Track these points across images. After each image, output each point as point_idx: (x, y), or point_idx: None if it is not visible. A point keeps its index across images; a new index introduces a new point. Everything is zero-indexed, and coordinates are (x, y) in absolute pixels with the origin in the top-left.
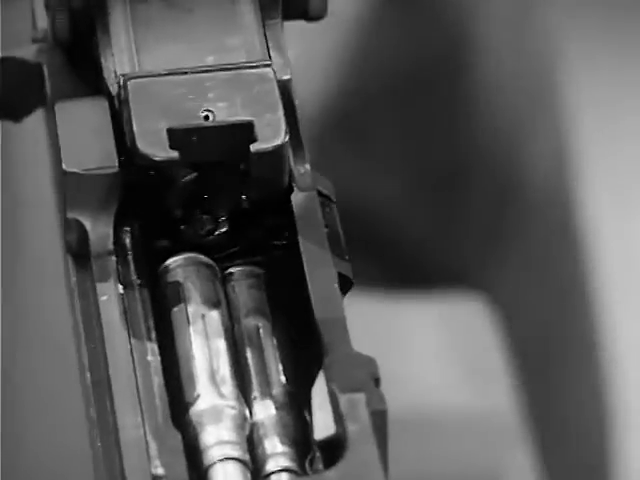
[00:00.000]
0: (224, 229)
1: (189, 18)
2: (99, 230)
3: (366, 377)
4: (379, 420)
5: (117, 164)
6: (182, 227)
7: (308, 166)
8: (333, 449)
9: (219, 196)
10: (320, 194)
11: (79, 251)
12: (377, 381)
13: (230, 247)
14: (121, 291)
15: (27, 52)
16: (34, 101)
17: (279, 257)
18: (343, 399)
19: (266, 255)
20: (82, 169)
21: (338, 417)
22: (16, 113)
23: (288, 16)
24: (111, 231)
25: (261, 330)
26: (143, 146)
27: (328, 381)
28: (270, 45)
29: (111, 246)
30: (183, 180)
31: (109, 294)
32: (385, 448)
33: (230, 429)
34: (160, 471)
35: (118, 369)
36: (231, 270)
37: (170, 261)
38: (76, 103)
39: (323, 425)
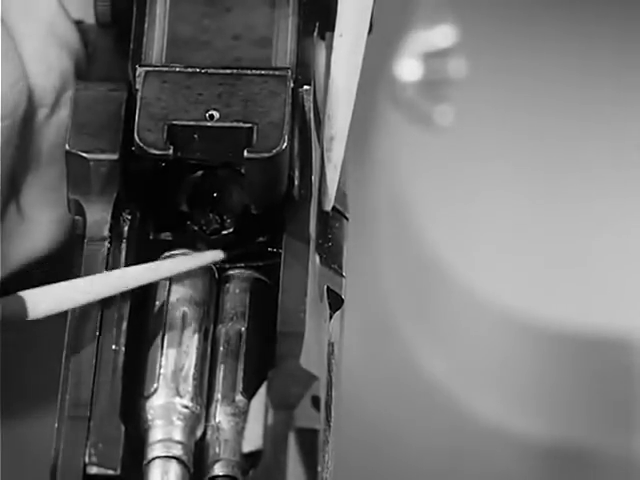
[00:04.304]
0: (230, 230)
1: (226, 17)
2: (96, 215)
3: (301, 394)
4: (306, 438)
5: (119, 153)
6: (188, 223)
7: (315, 178)
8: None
9: (227, 196)
10: (333, 208)
11: (82, 232)
12: (315, 400)
13: (231, 249)
14: None
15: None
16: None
17: (278, 265)
18: (270, 413)
19: (268, 261)
20: (83, 152)
21: (265, 431)
22: None
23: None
24: (108, 217)
25: (242, 335)
26: (142, 138)
27: (267, 394)
28: (300, 54)
29: (106, 232)
30: (189, 176)
31: None
32: (313, 467)
33: (179, 428)
34: (93, 459)
35: (79, 354)
36: (229, 272)
37: (165, 255)
38: (95, 85)
39: (252, 438)
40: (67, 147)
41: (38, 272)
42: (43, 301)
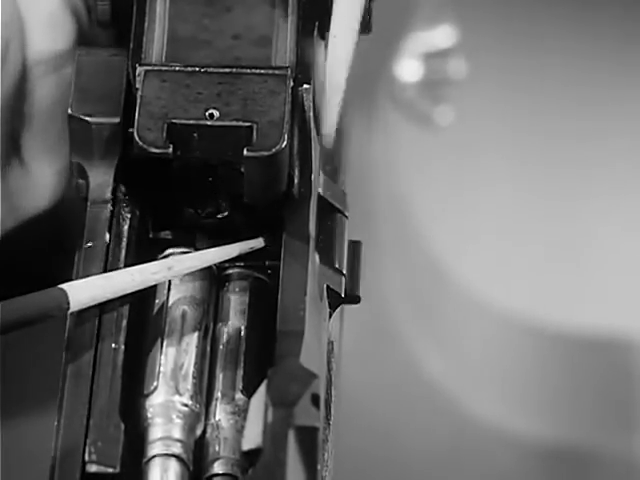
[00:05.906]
0: (225, 213)
1: (226, 16)
2: (98, 178)
3: (301, 392)
4: (306, 436)
5: (120, 116)
6: (184, 209)
7: (314, 176)
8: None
9: (223, 185)
10: (331, 206)
11: (85, 195)
12: (315, 398)
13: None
14: (107, 240)
15: None
16: None
17: (278, 264)
18: (269, 411)
19: (267, 260)
20: (85, 115)
21: (264, 429)
22: None
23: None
24: (111, 180)
25: (242, 334)
26: (142, 137)
27: (266, 392)
28: (299, 53)
29: (109, 195)
30: (186, 170)
31: (95, 243)
32: (313, 465)
33: (179, 426)
34: (93, 457)
35: (79, 352)
36: (229, 271)
37: (166, 253)
38: (97, 51)
39: (252, 436)
40: (70, 111)
41: (41, 230)
42: (84, 293)
